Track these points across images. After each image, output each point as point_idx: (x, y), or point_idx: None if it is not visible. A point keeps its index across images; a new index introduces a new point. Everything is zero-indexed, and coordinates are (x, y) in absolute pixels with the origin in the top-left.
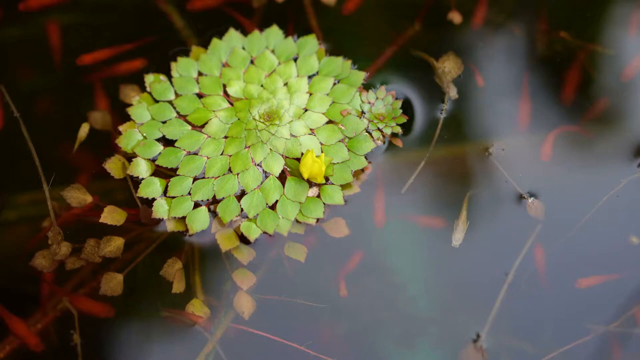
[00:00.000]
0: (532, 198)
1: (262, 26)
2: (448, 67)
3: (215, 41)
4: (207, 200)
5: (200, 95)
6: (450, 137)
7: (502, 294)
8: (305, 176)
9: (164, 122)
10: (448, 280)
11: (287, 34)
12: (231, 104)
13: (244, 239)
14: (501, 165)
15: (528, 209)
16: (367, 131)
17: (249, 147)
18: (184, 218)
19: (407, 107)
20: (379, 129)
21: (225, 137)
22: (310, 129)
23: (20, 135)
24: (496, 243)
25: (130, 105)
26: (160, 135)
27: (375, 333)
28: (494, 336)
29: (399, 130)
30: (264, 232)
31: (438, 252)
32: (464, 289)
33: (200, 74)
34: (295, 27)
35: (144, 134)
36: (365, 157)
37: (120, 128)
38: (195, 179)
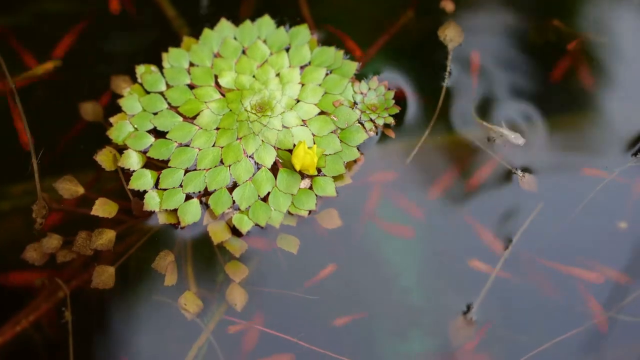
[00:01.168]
0: (523, 172)
1: (255, 16)
2: (450, 35)
3: (206, 31)
4: (199, 192)
5: (191, 86)
6: (444, 121)
7: (496, 269)
8: (298, 168)
9: (155, 114)
10: (440, 267)
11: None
12: (223, 95)
13: (235, 232)
14: (492, 148)
15: (521, 183)
16: (359, 122)
17: (240, 138)
18: (175, 210)
19: (399, 97)
20: (371, 119)
21: (217, 129)
22: (303, 120)
23: (11, 126)
24: (493, 219)
25: (121, 96)
26: (151, 127)
27: (368, 324)
28: (484, 310)
29: (391, 121)
30: (256, 225)
31: (429, 240)
32: (457, 272)
33: (191, 64)
34: (287, 16)
35: (135, 126)
36: (358, 148)
37: (111, 120)
38: (186, 171)
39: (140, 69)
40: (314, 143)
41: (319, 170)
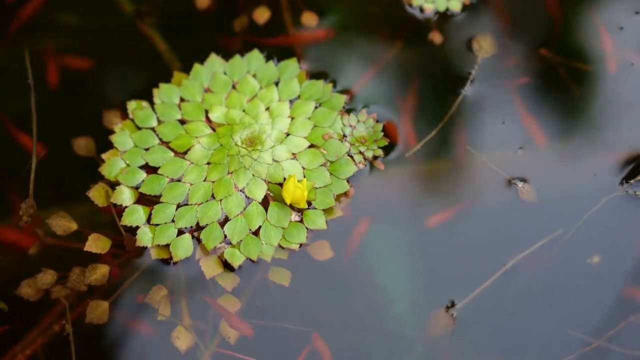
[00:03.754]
0: (521, 183)
1: (244, 50)
2: (484, 45)
3: (196, 66)
4: (191, 227)
5: (182, 122)
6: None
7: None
8: (288, 202)
9: (146, 149)
10: (434, 292)
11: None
12: (213, 129)
13: (227, 266)
14: (486, 159)
15: (520, 194)
16: (349, 154)
17: (231, 173)
18: (167, 245)
19: (388, 129)
20: (360, 152)
21: (208, 164)
22: (293, 154)
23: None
24: (492, 239)
25: (113, 132)
26: (143, 163)
27: (361, 354)
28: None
29: (380, 153)
30: (248, 258)
31: (422, 260)
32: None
33: (182, 99)
34: (276, 49)
35: (127, 162)
36: (347, 181)
37: (104, 156)
38: (178, 206)
39: (132, 105)
40: (304, 176)
41: (309, 204)
